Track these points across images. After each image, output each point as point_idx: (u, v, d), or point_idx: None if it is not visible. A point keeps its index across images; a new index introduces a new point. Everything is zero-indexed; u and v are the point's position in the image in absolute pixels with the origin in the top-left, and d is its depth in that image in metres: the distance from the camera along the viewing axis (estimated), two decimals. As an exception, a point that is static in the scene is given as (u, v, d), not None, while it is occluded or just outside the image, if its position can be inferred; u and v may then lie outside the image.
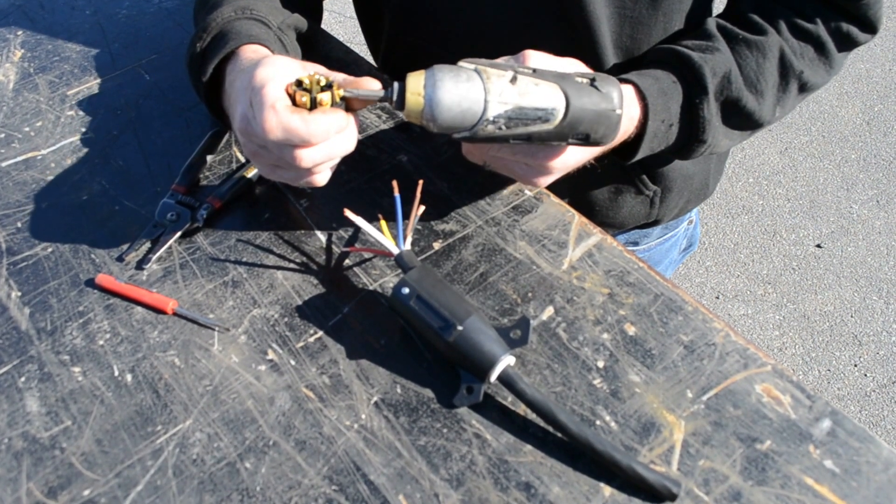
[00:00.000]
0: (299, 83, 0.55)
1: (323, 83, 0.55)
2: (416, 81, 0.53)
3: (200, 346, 0.60)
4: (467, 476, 0.52)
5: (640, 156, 0.66)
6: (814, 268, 2.01)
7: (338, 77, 0.57)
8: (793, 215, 2.14)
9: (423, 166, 0.73)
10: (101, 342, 0.60)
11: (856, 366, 1.79)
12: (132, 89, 0.84)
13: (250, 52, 0.64)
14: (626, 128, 0.63)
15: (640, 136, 0.64)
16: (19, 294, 0.64)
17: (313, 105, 0.54)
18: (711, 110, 0.66)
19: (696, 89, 0.65)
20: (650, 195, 0.85)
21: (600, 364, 0.57)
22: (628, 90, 0.62)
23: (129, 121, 0.80)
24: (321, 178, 0.58)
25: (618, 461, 0.50)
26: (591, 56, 0.72)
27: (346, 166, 0.73)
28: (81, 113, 0.81)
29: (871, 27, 0.70)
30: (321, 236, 0.67)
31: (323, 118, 0.53)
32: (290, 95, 0.54)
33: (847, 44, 0.71)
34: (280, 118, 0.52)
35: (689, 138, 0.68)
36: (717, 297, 1.95)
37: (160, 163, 0.75)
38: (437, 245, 0.66)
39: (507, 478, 0.52)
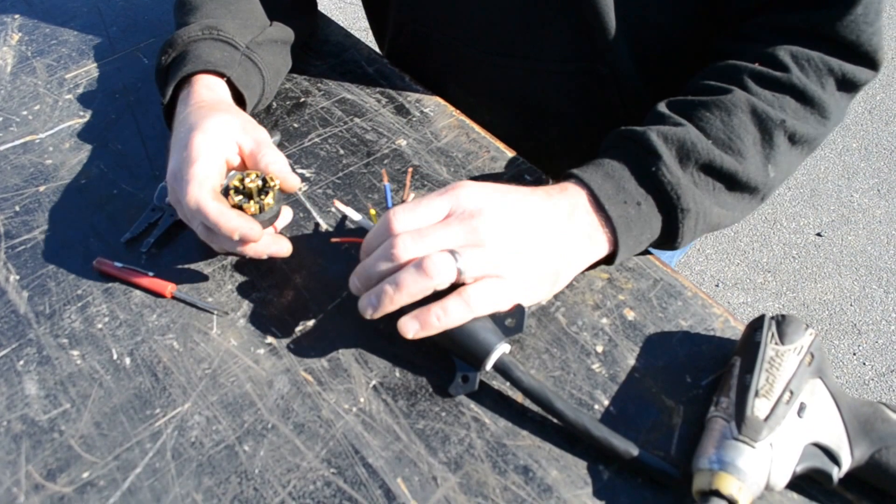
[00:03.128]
0: (238, 187, 0.58)
1: (259, 185, 0.58)
2: None
3: (199, 330, 0.60)
4: (465, 459, 0.52)
5: (624, 249, 0.58)
6: (814, 256, 2.01)
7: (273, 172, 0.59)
8: (793, 204, 2.14)
9: (421, 151, 0.73)
10: (99, 326, 0.60)
11: (854, 354, 1.79)
12: (130, 73, 0.84)
13: (203, 86, 0.65)
14: (589, 234, 0.57)
15: (614, 228, 0.57)
16: (18, 277, 0.64)
17: (239, 206, 0.58)
18: (675, 174, 0.57)
19: (648, 156, 0.58)
20: None
21: (599, 349, 0.57)
22: (580, 198, 0.58)
23: (127, 104, 0.80)
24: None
25: (615, 447, 0.50)
26: (600, 39, 0.72)
27: (345, 150, 0.73)
28: (79, 97, 0.81)
29: (866, 60, 0.63)
30: (320, 220, 0.67)
31: (233, 219, 0.55)
32: (226, 188, 0.58)
33: (844, 85, 0.63)
34: (198, 196, 0.55)
35: (669, 210, 0.58)
36: (717, 286, 1.95)
37: (158, 146, 0.74)
38: (436, 230, 0.66)
39: (506, 461, 0.52)
